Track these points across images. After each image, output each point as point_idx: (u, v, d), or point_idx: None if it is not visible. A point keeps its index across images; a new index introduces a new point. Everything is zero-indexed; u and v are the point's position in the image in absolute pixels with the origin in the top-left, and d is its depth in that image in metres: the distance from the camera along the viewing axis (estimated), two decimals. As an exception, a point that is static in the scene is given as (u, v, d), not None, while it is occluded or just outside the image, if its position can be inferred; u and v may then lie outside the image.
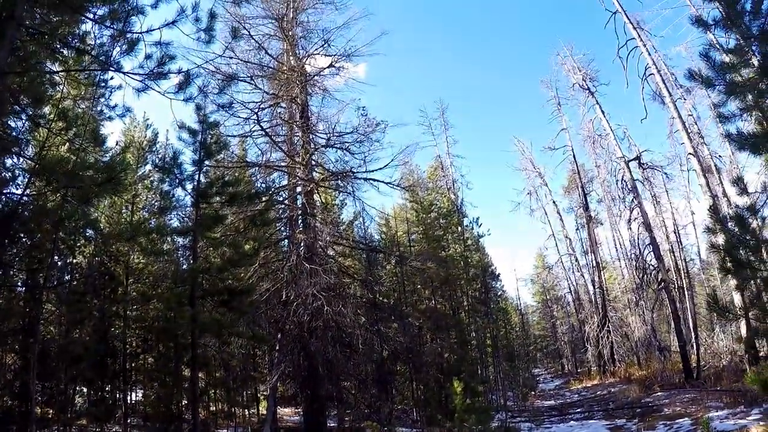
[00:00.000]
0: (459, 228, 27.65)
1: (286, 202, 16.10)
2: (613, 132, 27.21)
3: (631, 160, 26.62)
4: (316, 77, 17.19)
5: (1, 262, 10.09)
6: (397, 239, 24.73)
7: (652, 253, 25.76)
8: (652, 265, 26.26)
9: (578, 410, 21.22)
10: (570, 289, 39.12)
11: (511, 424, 17.87)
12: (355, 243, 18.12)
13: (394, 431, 16.03)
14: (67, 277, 15.14)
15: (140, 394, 20.03)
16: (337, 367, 14.98)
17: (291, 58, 17.59)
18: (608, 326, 30.48)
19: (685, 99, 21.63)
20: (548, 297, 47.62)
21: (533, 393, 31.06)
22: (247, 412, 20.12)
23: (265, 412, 16.57)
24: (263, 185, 16.21)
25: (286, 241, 16.22)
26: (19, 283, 13.94)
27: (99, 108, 12.71)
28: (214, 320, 10.37)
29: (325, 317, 13.64)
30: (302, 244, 15.13)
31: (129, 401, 18.17)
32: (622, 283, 33.15)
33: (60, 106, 10.39)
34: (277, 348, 14.77)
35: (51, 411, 14.63)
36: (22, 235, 10.73)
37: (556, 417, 20.73)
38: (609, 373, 29.81)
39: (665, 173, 27.25)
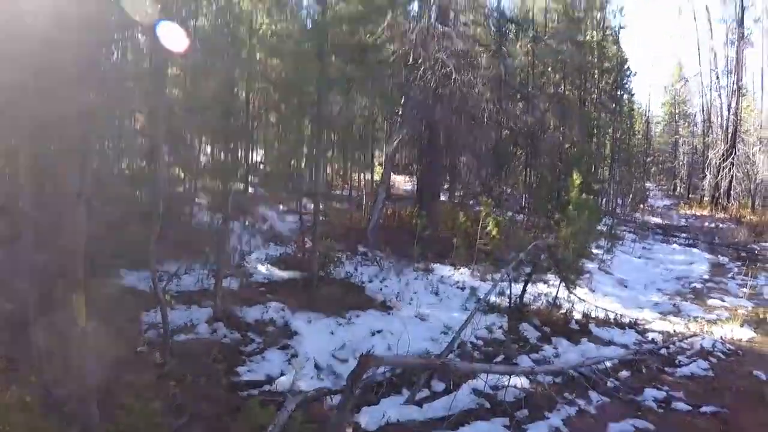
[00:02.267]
0: (599, 14, 25.36)
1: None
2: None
3: (806, -19, 22.96)
4: None
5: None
6: (532, 16, 23.09)
7: (803, 89, 23.15)
8: (799, 106, 23.77)
9: (683, 235, 20.98)
10: (702, 108, 36.29)
11: (616, 231, 17.69)
12: (489, 11, 17.01)
13: (506, 213, 16.11)
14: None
15: (261, 154, 20.94)
16: (457, 139, 14.78)
17: None
18: (733, 158, 28.70)
19: None
20: (677, 111, 44.58)
21: (642, 206, 30.47)
22: (362, 177, 20.67)
23: (379, 177, 16.90)
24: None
25: (416, 3, 15.39)
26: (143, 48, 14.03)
27: None
28: (343, 75, 10.15)
29: (452, 86, 13.14)
30: (435, 6, 14.28)
31: (250, 160, 19.01)
32: (759, 117, 30.33)
33: None
34: (400, 113, 14.62)
35: (177, 169, 15.43)
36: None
37: (660, 236, 20.63)
38: (720, 208, 28.70)
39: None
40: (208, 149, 16.81)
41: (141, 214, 7.92)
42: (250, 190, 16.84)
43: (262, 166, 19.81)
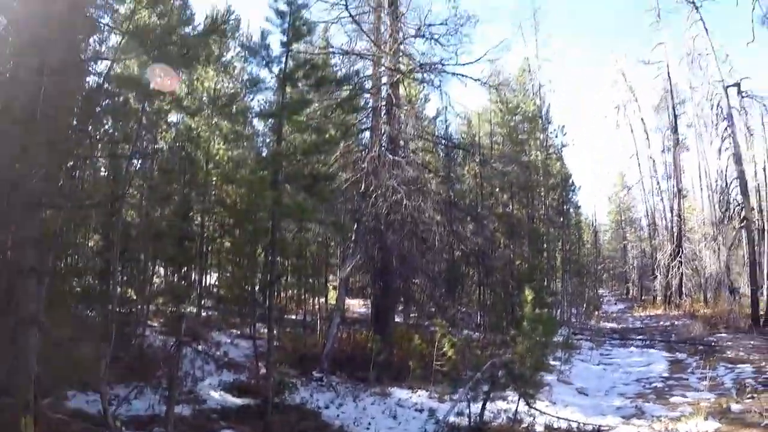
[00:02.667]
0: (542, 135, 26.81)
1: (371, 91, 15.84)
2: (715, 52, 25.53)
3: (731, 85, 24.96)
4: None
5: (88, 134, 10.15)
6: (478, 140, 24.25)
7: (738, 188, 24.60)
8: (737, 201, 25.15)
9: (639, 337, 21.42)
10: (647, 213, 38.36)
11: (572, 340, 17.92)
12: (436, 138, 17.85)
13: (462, 332, 16.18)
14: (148, 154, 15.40)
15: (215, 278, 20.84)
16: (410, 263, 15.06)
17: (380, -59, 16.84)
18: (681, 257, 29.90)
19: (796, 26, 19.89)
20: (623, 218, 46.64)
21: (596, 313, 31.09)
22: (317, 301, 20.64)
23: (334, 302, 16.96)
24: (347, 75, 15.94)
25: (368, 132, 16.07)
26: (103, 168, 14.26)
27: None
28: (297, 204, 10.39)
29: (403, 211, 13.60)
30: (385, 135, 14.96)
31: (204, 284, 18.90)
32: (701, 215, 32.01)
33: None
34: (353, 239, 14.90)
35: (130, 290, 15.30)
36: (105, 112, 10.75)
37: (616, 340, 21.02)
38: (674, 305, 29.58)
39: (764, 105, 25.39)
40: (162, 271, 16.72)
41: (92, 333, 7.77)
42: (204, 313, 16.65)
43: (215, 290, 19.67)
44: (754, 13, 21.30)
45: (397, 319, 17.23)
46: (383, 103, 15.34)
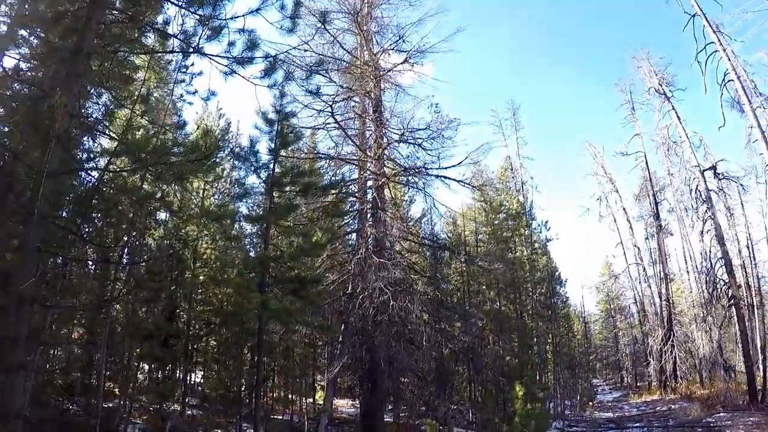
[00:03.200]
0: (527, 231, 27.17)
1: (357, 195, 16.18)
2: (689, 139, 26.11)
3: (707, 169, 25.46)
4: (389, 73, 17.14)
5: (80, 237, 10.28)
6: (464, 239, 24.51)
7: (723, 267, 24.69)
8: (723, 280, 25.17)
9: (636, 425, 20.89)
10: (635, 299, 38.13)
11: (568, 433, 17.64)
12: (422, 240, 18.08)
13: (453, 431, 15.93)
14: (137, 258, 15.47)
15: (200, 376, 20.49)
16: (398, 363, 14.98)
17: (365, 52, 17.66)
18: (672, 341, 29.59)
19: (764, 108, 20.55)
20: (612, 306, 46.58)
21: (591, 403, 30.59)
22: (304, 401, 20.30)
23: (321, 402, 16.70)
24: (333, 178, 16.30)
25: (354, 234, 16.32)
26: (91, 263, 14.30)
27: (180, 93, 13.05)
28: (284, 307, 10.44)
29: (391, 312, 13.65)
30: (371, 238, 15.19)
31: (189, 382, 18.59)
32: (690, 297, 31.89)
33: (141, 90, 10.59)
34: (340, 340, 14.86)
35: (112, 385, 15.07)
36: (96, 213, 10.93)
37: (613, 430, 20.42)
38: (670, 389, 28.98)
39: (741, 185, 25.88)
40: (146, 367, 16.51)
41: (75, 429, 7.65)
42: (188, 412, 16.31)
43: (200, 389, 19.33)
44: (723, 98, 21.99)
45: (387, 419, 16.90)
46: (369, 206, 15.69)
